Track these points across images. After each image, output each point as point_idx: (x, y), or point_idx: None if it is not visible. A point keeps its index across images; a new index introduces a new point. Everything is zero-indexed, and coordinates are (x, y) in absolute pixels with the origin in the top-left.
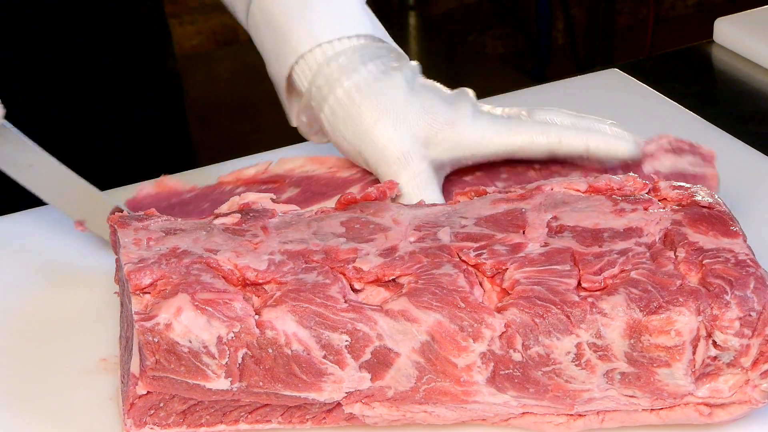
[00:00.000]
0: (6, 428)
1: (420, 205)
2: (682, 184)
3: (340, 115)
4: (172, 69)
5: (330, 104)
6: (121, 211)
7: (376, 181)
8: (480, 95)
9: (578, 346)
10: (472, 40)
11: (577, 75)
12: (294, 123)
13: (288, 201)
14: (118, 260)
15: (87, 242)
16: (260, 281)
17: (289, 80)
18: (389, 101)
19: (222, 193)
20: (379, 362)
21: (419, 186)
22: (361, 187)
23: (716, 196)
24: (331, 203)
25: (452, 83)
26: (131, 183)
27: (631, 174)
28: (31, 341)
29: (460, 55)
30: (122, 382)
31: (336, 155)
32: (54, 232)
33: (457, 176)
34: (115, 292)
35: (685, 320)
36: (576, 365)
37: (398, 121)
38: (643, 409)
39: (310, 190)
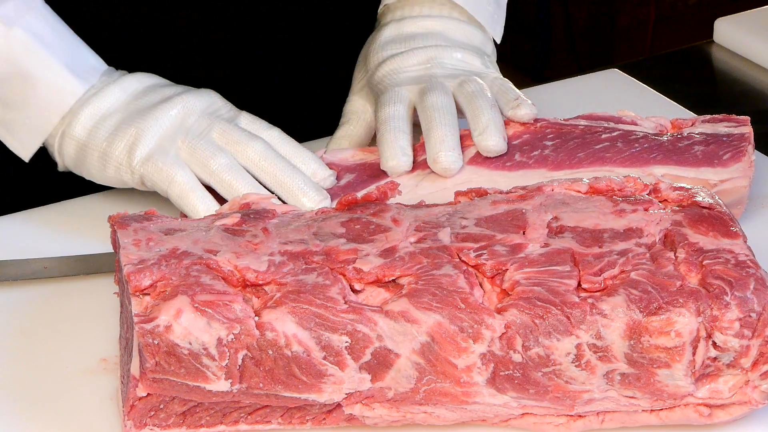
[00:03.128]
0: (6, 428)
1: (420, 205)
2: (682, 185)
3: None
4: None
5: None
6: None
7: (427, 161)
8: None
9: (578, 347)
10: None
11: (577, 75)
12: None
13: (346, 186)
14: (117, 261)
15: (87, 242)
16: (260, 282)
17: None
18: None
19: None
20: (379, 363)
21: None
22: (414, 167)
23: (716, 197)
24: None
25: None
26: None
27: (632, 175)
28: (31, 341)
29: None
30: (122, 383)
31: None
32: (54, 232)
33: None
34: (115, 293)
35: (685, 321)
36: (576, 366)
37: None
38: (643, 410)
39: (365, 173)
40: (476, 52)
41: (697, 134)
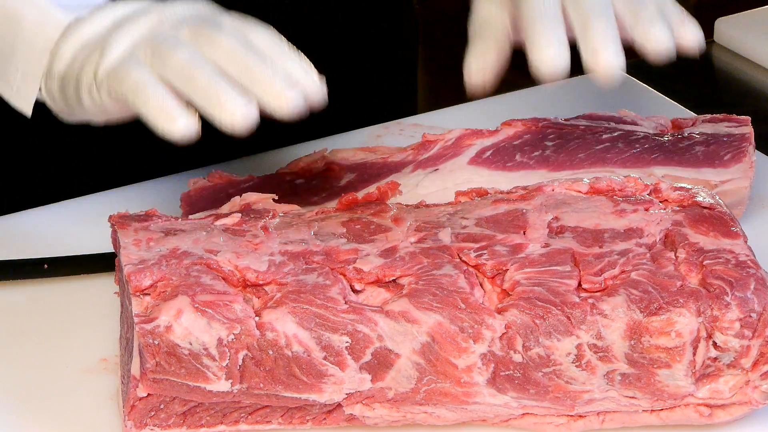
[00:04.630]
0: (6, 428)
1: (421, 205)
2: (683, 185)
3: None
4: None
5: None
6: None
7: (427, 161)
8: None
9: (578, 347)
10: None
11: (577, 75)
12: None
13: (346, 185)
14: (118, 261)
15: (87, 242)
16: (261, 282)
17: None
18: None
19: (281, 183)
20: (380, 363)
21: None
22: (414, 167)
23: (717, 197)
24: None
25: (452, 82)
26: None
27: (632, 175)
28: (31, 341)
29: (461, 54)
30: (122, 383)
31: (385, 144)
32: (54, 232)
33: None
34: (115, 293)
35: (685, 321)
36: (576, 366)
37: None
38: (643, 410)
39: (366, 173)
40: None
41: (697, 134)
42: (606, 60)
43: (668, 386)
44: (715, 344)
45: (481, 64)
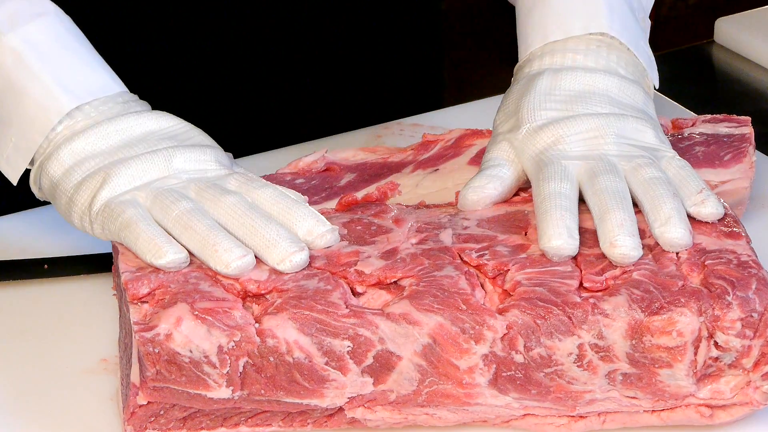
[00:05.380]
0: (6, 428)
1: (421, 206)
2: None
3: None
4: None
5: None
6: None
7: (427, 161)
8: (481, 95)
9: (580, 347)
10: (474, 39)
11: None
12: None
13: (346, 185)
14: (115, 267)
15: (87, 242)
16: (262, 292)
17: None
18: None
19: (281, 183)
20: (381, 366)
21: None
22: (414, 167)
23: (719, 199)
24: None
25: (453, 82)
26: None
27: None
28: (31, 341)
29: (462, 54)
30: (122, 384)
31: (385, 144)
32: (54, 232)
33: None
34: (114, 295)
35: (686, 321)
36: (578, 366)
37: None
38: (644, 411)
39: (366, 173)
40: (647, 119)
41: (697, 134)
42: (621, 255)
43: (669, 386)
44: (716, 344)
45: (477, 196)
